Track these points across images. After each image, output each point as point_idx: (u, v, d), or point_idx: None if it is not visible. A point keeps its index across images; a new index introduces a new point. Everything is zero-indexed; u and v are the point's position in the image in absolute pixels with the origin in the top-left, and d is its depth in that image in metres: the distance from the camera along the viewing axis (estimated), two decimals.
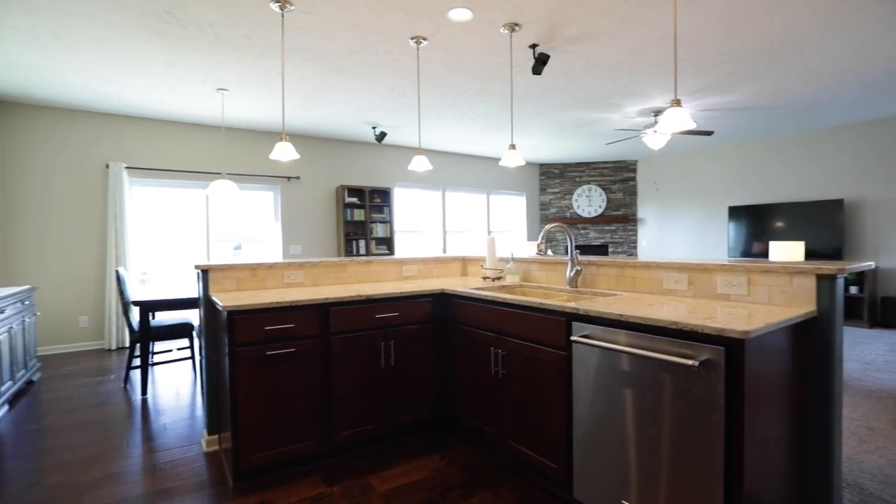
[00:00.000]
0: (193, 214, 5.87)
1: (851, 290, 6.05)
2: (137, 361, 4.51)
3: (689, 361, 1.44)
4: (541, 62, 3.60)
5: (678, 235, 8.41)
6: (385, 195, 7.03)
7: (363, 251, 6.79)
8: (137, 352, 4.59)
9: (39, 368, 4.16)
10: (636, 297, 2.10)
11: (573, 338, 1.86)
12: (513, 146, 3.37)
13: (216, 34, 3.34)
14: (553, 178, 9.11)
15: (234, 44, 3.50)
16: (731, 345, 1.40)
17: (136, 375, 4.13)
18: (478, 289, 2.63)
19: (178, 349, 4.43)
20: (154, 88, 4.46)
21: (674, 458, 1.54)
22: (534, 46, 3.64)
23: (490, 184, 8.52)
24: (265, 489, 2.18)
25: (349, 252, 6.69)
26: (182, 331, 3.81)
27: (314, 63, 3.90)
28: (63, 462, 2.49)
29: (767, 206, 7.01)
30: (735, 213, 7.38)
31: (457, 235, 8.17)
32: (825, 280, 1.65)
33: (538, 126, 6.19)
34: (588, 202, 8.94)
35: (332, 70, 4.07)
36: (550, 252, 9.03)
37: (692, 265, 2.07)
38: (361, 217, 6.78)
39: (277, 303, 2.22)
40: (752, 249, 7.18)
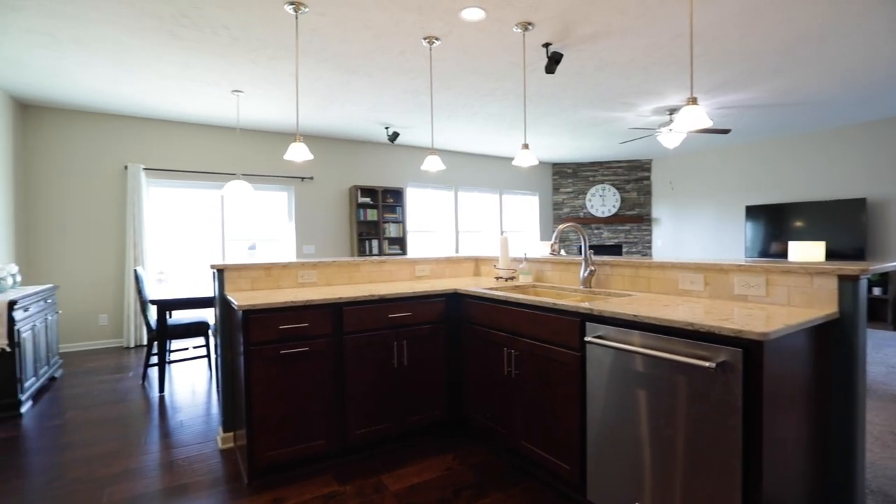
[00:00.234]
0: (209, 214, 5.96)
1: (874, 292, 5.90)
2: (155, 359, 4.60)
3: (706, 363, 1.42)
4: (554, 61, 3.58)
5: (694, 235, 8.28)
6: (398, 195, 7.06)
7: (376, 251, 6.82)
8: (155, 350, 4.68)
9: (61, 365, 4.27)
10: (651, 298, 2.07)
11: (587, 338, 1.85)
12: (526, 146, 3.35)
13: (231, 37, 3.39)
14: (566, 178, 9.05)
15: (249, 46, 3.54)
16: (750, 346, 1.37)
17: (154, 373, 4.21)
18: (491, 289, 2.63)
19: (194, 347, 4.50)
20: (170, 91, 4.53)
21: (689, 461, 1.51)
22: (547, 45, 3.62)
23: (503, 183, 8.50)
24: (279, 486, 2.20)
25: (362, 252, 6.73)
26: (198, 329, 3.87)
27: (327, 64, 3.93)
28: (84, 456, 2.55)
29: (786, 206, 6.86)
30: (752, 213, 7.25)
31: (469, 235, 8.16)
32: (847, 281, 1.61)
33: (551, 125, 6.15)
34: (602, 202, 8.86)
35: (346, 71, 4.09)
36: (563, 252, 8.97)
37: (708, 265, 2.04)
38: (374, 217, 6.81)
39: (292, 302, 2.24)
40: (770, 250, 7.04)
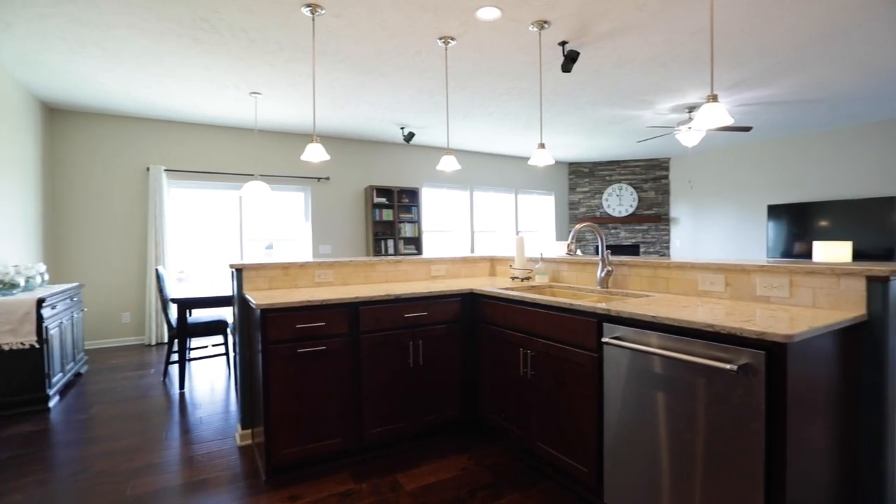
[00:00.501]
0: (227, 215, 6.06)
1: None
2: (175, 357, 4.70)
3: (727, 366, 1.39)
4: (570, 59, 3.55)
5: (713, 235, 8.13)
6: (413, 195, 7.08)
7: (391, 251, 6.85)
8: (175, 347, 4.77)
9: (86, 361, 4.38)
10: (670, 299, 2.04)
11: (604, 339, 1.82)
12: (542, 145, 3.33)
13: (249, 39, 3.44)
14: (582, 178, 8.96)
15: (266, 48, 3.59)
16: (773, 349, 1.34)
17: (174, 370, 4.29)
18: (506, 289, 2.61)
19: (213, 345, 4.58)
20: (190, 93, 4.62)
21: (709, 466, 1.48)
22: (563, 43, 3.58)
23: (518, 183, 8.46)
24: (296, 484, 2.22)
25: (377, 252, 6.76)
26: (217, 328, 3.93)
27: (343, 65, 3.96)
28: (108, 450, 2.61)
29: (810, 205, 6.69)
30: (775, 212, 7.08)
31: (485, 235, 8.14)
32: (877, 282, 1.56)
33: (567, 124, 6.10)
34: (619, 201, 8.75)
35: (361, 72, 4.12)
36: (580, 252, 8.89)
37: (729, 266, 1.99)
38: (390, 217, 6.84)
39: (309, 301, 2.26)
40: (794, 250, 6.87)
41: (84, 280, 5.20)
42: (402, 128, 6.13)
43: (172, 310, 4.11)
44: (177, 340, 3.88)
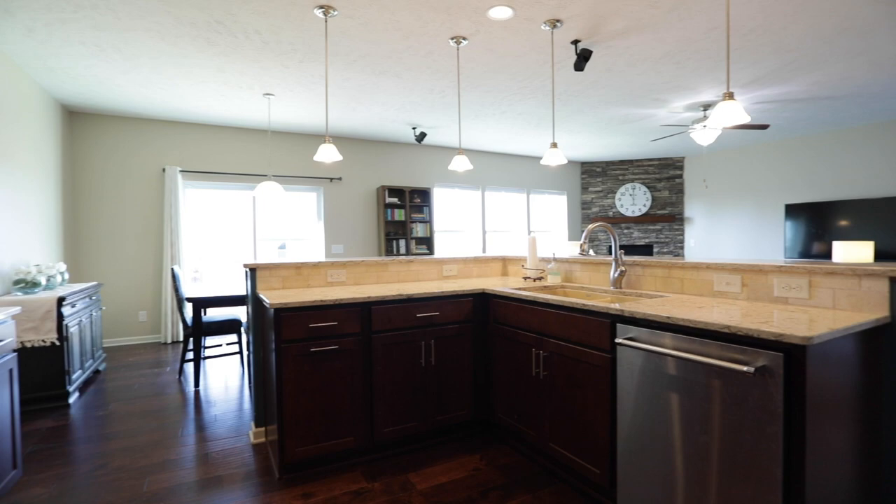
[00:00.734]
0: (241, 215, 6.13)
1: None
2: (190, 355, 4.77)
3: (744, 368, 1.37)
4: (583, 58, 3.52)
5: (728, 235, 8.00)
6: (425, 195, 7.09)
7: (403, 251, 6.87)
8: (190, 346, 4.84)
9: (105, 359, 4.47)
10: (684, 300, 2.01)
11: (618, 340, 1.81)
12: (554, 144, 3.31)
13: (263, 41, 3.47)
14: (595, 177, 8.89)
15: (279, 50, 3.62)
16: (792, 351, 1.31)
17: (190, 368, 4.36)
18: (519, 289, 2.61)
19: (228, 344, 4.64)
20: (205, 95, 4.68)
21: (725, 469, 1.46)
22: (576, 42, 3.56)
23: (530, 183, 8.42)
24: (309, 482, 2.24)
25: (389, 252, 6.79)
26: (231, 326, 3.98)
27: (356, 66, 3.98)
28: (126, 446, 2.66)
29: (830, 204, 6.55)
30: (793, 212, 6.95)
31: (497, 235, 8.13)
32: None
33: (580, 124, 6.05)
34: (632, 201, 8.66)
35: (374, 72, 4.14)
36: (593, 252, 8.81)
37: (746, 266, 1.96)
38: (402, 217, 6.86)
39: (322, 301, 2.28)
40: (812, 250, 6.74)
41: (102, 279, 5.31)
42: (414, 128, 6.14)
43: (188, 309, 4.17)
44: (192, 339, 3.94)
